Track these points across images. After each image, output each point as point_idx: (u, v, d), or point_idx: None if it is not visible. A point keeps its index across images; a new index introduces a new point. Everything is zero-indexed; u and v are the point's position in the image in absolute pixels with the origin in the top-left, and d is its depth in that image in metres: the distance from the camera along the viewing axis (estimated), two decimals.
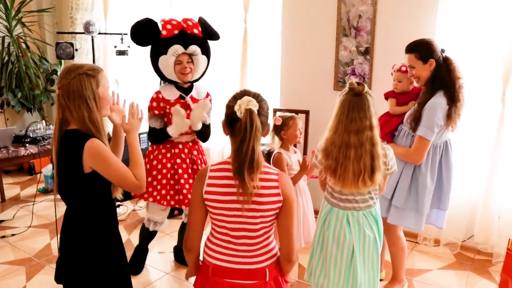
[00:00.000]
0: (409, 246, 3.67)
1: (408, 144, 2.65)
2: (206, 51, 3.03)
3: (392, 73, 2.91)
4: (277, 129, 2.83)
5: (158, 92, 2.98)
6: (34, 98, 5.25)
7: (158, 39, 2.89)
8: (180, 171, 3.01)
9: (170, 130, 2.91)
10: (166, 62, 2.90)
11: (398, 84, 2.86)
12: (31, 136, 4.07)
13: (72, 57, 5.04)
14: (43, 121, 4.47)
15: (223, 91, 4.63)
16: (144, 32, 2.91)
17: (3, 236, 3.82)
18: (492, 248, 3.42)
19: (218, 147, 4.71)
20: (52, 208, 4.43)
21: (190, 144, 3.10)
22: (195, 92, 3.07)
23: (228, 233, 1.71)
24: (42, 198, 4.71)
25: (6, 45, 5.21)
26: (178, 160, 3.02)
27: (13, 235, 3.85)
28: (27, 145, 3.97)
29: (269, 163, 2.27)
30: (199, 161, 3.12)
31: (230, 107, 1.66)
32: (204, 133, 3.08)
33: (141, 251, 3.33)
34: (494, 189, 3.31)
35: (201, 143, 3.20)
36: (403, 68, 2.81)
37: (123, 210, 4.37)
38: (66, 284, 2.00)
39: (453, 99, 2.53)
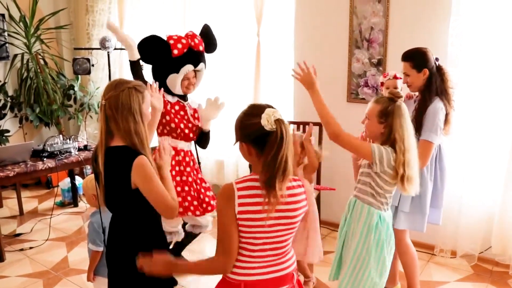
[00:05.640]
0: (425, 258, 3.63)
1: None
2: (205, 64, 3.19)
3: (383, 82, 3.01)
4: None
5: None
6: (51, 113, 5.34)
7: (170, 58, 2.97)
8: (190, 179, 3.12)
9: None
10: (176, 79, 3.01)
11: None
12: (48, 150, 4.13)
13: (89, 73, 5.15)
14: (61, 135, 4.54)
15: (236, 104, 4.67)
16: (154, 50, 2.98)
17: (21, 249, 3.88)
18: (510, 260, 3.36)
19: (232, 160, 4.73)
20: (69, 222, 4.50)
21: (189, 153, 3.20)
22: (189, 100, 3.23)
23: (261, 247, 1.66)
24: (59, 211, 4.77)
25: (25, 61, 5.33)
26: (188, 169, 3.12)
27: (31, 248, 3.91)
28: (44, 159, 4.03)
29: None
30: (194, 171, 3.23)
31: (253, 124, 1.57)
32: (206, 138, 3.24)
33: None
34: (511, 199, 3.27)
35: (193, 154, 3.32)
36: (398, 75, 2.94)
37: None
38: None
39: (449, 105, 2.66)
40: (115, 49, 5.12)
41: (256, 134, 1.57)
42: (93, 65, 5.18)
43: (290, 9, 4.21)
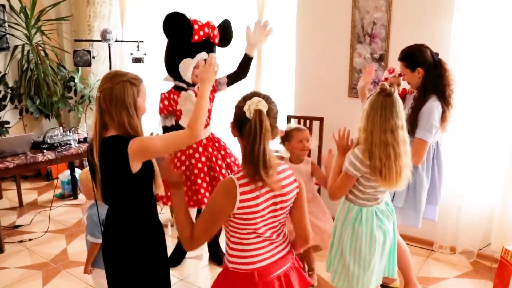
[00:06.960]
0: (425, 254, 3.64)
1: None
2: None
3: (388, 78, 2.97)
4: (282, 140, 2.87)
5: (169, 92, 3.11)
6: (52, 104, 5.34)
7: (189, 42, 2.97)
8: (196, 171, 3.06)
9: (182, 120, 3.00)
10: (189, 64, 3.00)
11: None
12: (48, 142, 4.13)
13: (89, 65, 5.14)
14: (61, 127, 4.54)
15: (237, 100, 4.66)
16: (179, 29, 2.97)
17: (21, 241, 3.89)
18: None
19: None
20: (68, 214, 4.51)
21: (205, 141, 3.14)
22: (196, 88, 3.18)
23: (263, 233, 1.71)
24: (59, 203, 4.77)
25: (25, 53, 5.32)
26: (193, 161, 3.08)
27: (30, 240, 3.92)
28: (44, 151, 4.02)
29: None
30: (219, 156, 3.18)
31: (239, 108, 1.65)
32: (247, 66, 3.24)
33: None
34: (511, 196, 3.25)
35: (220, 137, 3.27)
36: (391, 70, 2.96)
37: None
38: (111, 282, 2.07)
39: (445, 103, 2.63)
40: (116, 41, 5.10)
41: (239, 117, 1.65)
42: (93, 57, 5.16)
43: (292, 3, 4.19)
